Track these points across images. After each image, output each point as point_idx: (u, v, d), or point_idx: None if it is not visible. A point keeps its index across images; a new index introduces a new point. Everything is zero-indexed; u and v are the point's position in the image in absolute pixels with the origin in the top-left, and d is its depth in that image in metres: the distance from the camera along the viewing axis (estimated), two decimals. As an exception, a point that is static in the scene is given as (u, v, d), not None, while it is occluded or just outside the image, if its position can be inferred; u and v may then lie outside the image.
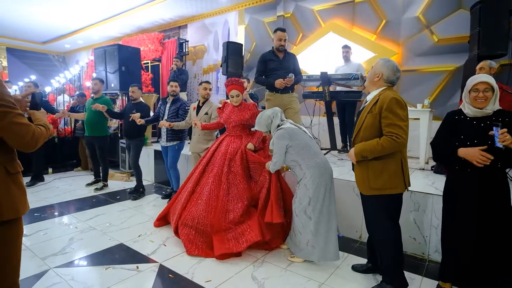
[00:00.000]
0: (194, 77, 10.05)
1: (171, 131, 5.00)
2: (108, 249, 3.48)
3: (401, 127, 2.36)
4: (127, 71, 7.71)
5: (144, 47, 10.02)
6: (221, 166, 3.72)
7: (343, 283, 2.89)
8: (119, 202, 5.09)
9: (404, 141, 2.37)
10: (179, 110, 4.97)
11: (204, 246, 3.41)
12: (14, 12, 9.78)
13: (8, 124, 1.54)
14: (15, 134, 1.57)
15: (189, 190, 3.81)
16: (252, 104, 4.00)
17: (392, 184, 2.48)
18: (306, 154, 3.13)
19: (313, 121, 6.36)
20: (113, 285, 2.77)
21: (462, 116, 2.45)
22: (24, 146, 1.62)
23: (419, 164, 4.75)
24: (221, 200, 3.52)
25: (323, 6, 7.19)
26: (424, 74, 5.89)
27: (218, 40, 9.41)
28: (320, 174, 3.08)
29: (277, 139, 3.18)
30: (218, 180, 3.66)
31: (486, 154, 2.22)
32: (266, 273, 3.02)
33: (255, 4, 8.48)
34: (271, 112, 3.38)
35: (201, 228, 3.48)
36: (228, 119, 3.94)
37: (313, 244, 3.08)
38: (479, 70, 3.86)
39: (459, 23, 5.40)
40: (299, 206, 3.15)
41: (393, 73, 2.54)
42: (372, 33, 6.50)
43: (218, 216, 3.45)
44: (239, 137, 3.90)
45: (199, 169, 3.91)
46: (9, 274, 1.64)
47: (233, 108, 3.95)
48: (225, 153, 3.78)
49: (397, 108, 2.39)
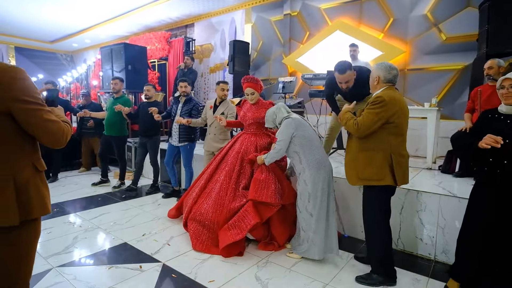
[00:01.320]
0: (201, 76, 10.05)
1: (184, 132, 4.98)
2: (112, 248, 3.48)
3: (364, 119, 2.58)
4: (133, 70, 7.73)
5: (151, 46, 10.03)
6: (233, 164, 3.73)
7: (347, 284, 2.86)
8: (124, 201, 5.10)
9: (359, 132, 2.62)
10: (192, 111, 4.96)
11: (209, 243, 3.43)
12: (22, 12, 9.86)
13: (41, 121, 1.54)
14: (48, 132, 1.58)
15: (201, 186, 3.86)
16: (268, 102, 3.97)
17: (379, 176, 2.63)
18: (308, 147, 3.18)
19: (319, 120, 6.32)
20: (115, 284, 2.76)
21: (496, 115, 2.43)
22: (55, 143, 1.63)
23: (426, 163, 4.68)
24: (229, 198, 3.55)
25: (330, 4, 7.15)
26: (431, 72, 5.82)
27: (225, 38, 9.40)
28: (318, 170, 3.13)
29: (285, 127, 3.24)
30: (229, 177, 3.68)
31: (495, 137, 2.15)
32: (270, 274, 2.99)
33: (262, 3, 8.46)
34: (275, 108, 3.46)
35: (208, 224, 3.51)
36: (244, 117, 3.95)
37: (313, 240, 3.12)
38: (488, 70, 3.79)
39: (468, 21, 5.33)
40: (300, 202, 3.22)
41: (388, 72, 2.66)
42: (380, 31, 6.44)
43: (224, 214, 3.47)
44: (254, 135, 3.90)
45: (213, 166, 3.96)
46: (25, 273, 1.63)
47: (250, 106, 3.94)
48: (238, 151, 3.80)
49: (374, 104, 2.58)
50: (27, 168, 1.58)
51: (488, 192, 2.36)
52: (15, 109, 1.47)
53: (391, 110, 2.55)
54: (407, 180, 2.76)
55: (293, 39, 7.87)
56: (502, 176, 2.28)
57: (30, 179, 1.57)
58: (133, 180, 5.60)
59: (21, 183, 1.53)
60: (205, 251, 3.38)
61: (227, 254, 3.29)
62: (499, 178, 2.29)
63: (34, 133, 1.56)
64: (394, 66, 2.69)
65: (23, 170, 1.56)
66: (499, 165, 2.29)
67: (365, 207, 2.87)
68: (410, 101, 5.98)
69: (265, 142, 3.83)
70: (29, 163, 1.60)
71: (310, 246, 3.14)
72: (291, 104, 6.45)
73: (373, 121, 2.56)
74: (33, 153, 1.63)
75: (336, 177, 3.93)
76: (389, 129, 2.61)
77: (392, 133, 2.61)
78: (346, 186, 3.75)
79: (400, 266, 3.01)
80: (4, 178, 1.49)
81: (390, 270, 2.81)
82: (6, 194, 1.48)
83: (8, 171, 1.50)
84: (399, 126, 2.63)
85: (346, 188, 3.78)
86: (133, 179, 5.61)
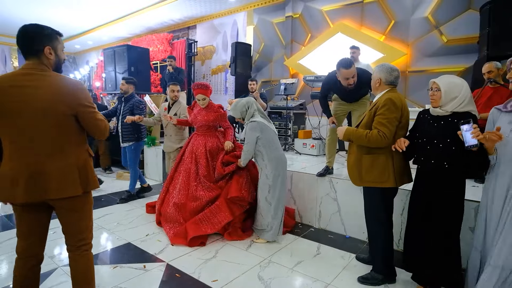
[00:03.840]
0: (203, 78, 10.10)
1: (126, 131, 4.98)
2: (116, 248, 3.52)
3: (388, 128, 2.53)
4: (136, 72, 7.76)
5: (153, 47, 10.09)
6: (189, 163, 4.09)
7: (349, 283, 2.88)
8: (127, 202, 5.13)
9: (388, 141, 2.54)
10: (134, 109, 4.91)
11: (183, 236, 3.66)
12: (26, 13, 9.92)
13: (94, 120, 2.04)
14: (98, 128, 2.08)
15: (163, 189, 4.24)
16: (217, 106, 4.26)
17: (382, 179, 2.65)
18: (270, 147, 3.62)
19: (321, 121, 6.35)
20: (120, 284, 2.80)
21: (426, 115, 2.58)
22: (101, 136, 2.14)
23: (428, 165, 4.69)
24: (191, 191, 3.90)
25: (331, 6, 7.19)
26: (433, 74, 5.83)
27: (226, 40, 9.45)
28: (277, 165, 3.62)
29: (250, 130, 3.61)
30: (187, 175, 4.03)
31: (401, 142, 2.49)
32: (273, 273, 3.02)
33: (263, 5, 8.50)
34: (246, 101, 3.74)
35: (177, 220, 3.84)
36: (195, 119, 4.23)
37: (272, 225, 3.63)
38: (488, 74, 3.75)
39: (469, 23, 5.36)
40: (261, 193, 3.66)
41: (389, 74, 2.68)
42: (381, 33, 6.48)
43: (189, 207, 3.81)
44: (203, 136, 4.20)
45: (173, 169, 4.31)
46: (90, 230, 2.24)
47: (200, 109, 4.22)
48: (191, 152, 4.14)
49: (389, 109, 2.55)
50: (84, 154, 2.09)
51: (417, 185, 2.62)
52: (79, 112, 1.96)
53: (401, 112, 2.59)
54: (411, 178, 2.78)
55: (295, 41, 7.91)
56: (422, 171, 2.55)
57: (86, 162, 2.08)
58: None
59: (82, 165, 2.03)
60: (183, 243, 3.59)
61: (192, 244, 3.53)
62: (422, 172, 2.55)
63: (88, 128, 2.06)
64: (396, 67, 2.70)
65: (82, 155, 2.06)
66: (419, 161, 2.53)
67: (368, 209, 2.90)
68: (412, 103, 6.02)
69: (213, 143, 4.14)
70: (85, 150, 2.10)
71: (269, 230, 3.64)
72: (293, 105, 6.50)
73: (394, 125, 2.56)
74: (86, 144, 2.13)
75: (338, 178, 3.97)
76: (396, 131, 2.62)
77: (397, 134, 2.62)
78: (347, 187, 3.78)
79: (401, 267, 3.03)
80: (73, 162, 1.99)
81: (390, 269, 2.85)
82: (73, 173, 1.98)
83: (74, 156, 2.00)
84: (404, 126, 2.66)
85: (347, 190, 3.81)
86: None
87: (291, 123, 6.38)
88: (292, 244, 3.68)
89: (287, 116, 6.38)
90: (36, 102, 1.83)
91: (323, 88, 4.05)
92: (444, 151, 2.34)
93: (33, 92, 1.83)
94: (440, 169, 2.36)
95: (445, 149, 2.34)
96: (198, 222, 3.67)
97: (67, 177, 1.95)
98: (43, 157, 1.89)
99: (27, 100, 1.82)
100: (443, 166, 2.34)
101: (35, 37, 1.91)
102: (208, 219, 3.68)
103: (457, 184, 2.38)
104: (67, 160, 1.96)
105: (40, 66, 1.90)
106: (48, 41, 1.93)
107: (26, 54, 1.91)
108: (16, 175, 1.86)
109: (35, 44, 1.90)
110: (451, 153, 2.31)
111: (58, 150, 1.94)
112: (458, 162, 2.31)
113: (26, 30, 1.90)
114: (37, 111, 1.83)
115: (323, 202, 4.10)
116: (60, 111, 1.89)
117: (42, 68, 1.91)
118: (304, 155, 5.79)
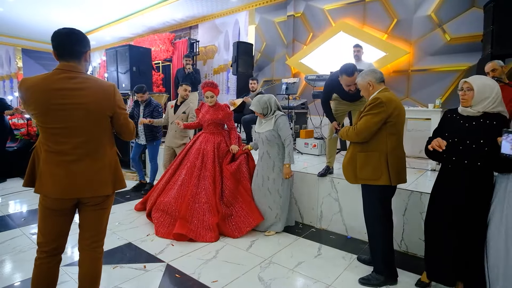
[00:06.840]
0: (205, 77, 10.09)
1: (149, 132, 5.39)
2: (117, 248, 3.51)
3: (364, 124, 2.63)
4: (138, 71, 7.76)
5: (155, 47, 10.08)
6: (194, 160, 4.16)
7: (350, 284, 2.86)
8: (129, 202, 5.13)
9: (361, 136, 2.66)
10: (153, 112, 5.33)
11: (171, 228, 3.75)
12: (29, 14, 9.95)
13: (125, 121, 2.14)
14: (128, 129, 2.19)
15: (164, 181, 4.31)
16: (224, 105, 4.45)
17: (376, 176, 2.68)
18: None
19: (323, 121, 6.32)
20: (120, 284, 2.79)
21: (454, 115, 2.58)
22: (130, 137, 2.26)
23: (430, 165, 4.66)
24: (191, 190, 3.94)
25: (333, 5, 7.15)
26: (436, 73, 5.81)
27: (228, 40, 9.43)
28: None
29: (286, 122, 3.79)
30: (191, 172, 4.10)
31: (440, 142, 2.36)
32: (273, 274, 3.00)
33: (265, 4, 8.48)
34: (268, 97, 3.85)
35: (170, 211, 3.91)
36: (203, 118, 4.36)
37: (280, 217, 3.87)
38: (492, 73, 3.71)
39: (472, 21, 5.31)
40: (273, 186, 3.83)
41: (374, 73, 2.77)
42: (383, 32, 6.44)
43: (187, 203, 3.84)
44: (212, 134, 4.32)
45: (176, 163, 4.40)
46: (106, 229, 2.25)
47: (209, 108, 4.36)
48: (199, 149, 4.22)
49: (371, 107, 2.63)
50: (115, 154, 2.16)
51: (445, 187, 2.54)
52: (116, 113, 2.06)
53: (389, 110, 2.59)
54: (405, 179, 2.79)
55: (297, 40, 7.89)
56: (452, 171, 2.47)
57: (116, 163, 2.15)
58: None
59: (113, 165, 2.10)
60: (166, 235, 3.74)
61: (179, 238, 3.62)
62: (451, 173, 2.48)
63: (120, 129, 2.16)
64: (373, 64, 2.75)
65: (114, 156, 2.14)
66: (451, 161, 2.47)
67: (365, 207, 2.92)
68: (414, 102, 5.97)
69: (221, 140, 4.27)
70: (115, 151, 2.18)
71: (278, 221, 3.87)
72: (294, 105, 6.47)
73: (373, 122, 2.60)
74: (115, 144, 2.18)
75: (339, 178, 3.95)
76: (387, 129, 2.64)
77: (390, 133, 2.65)
78: (348, 187, 3.76)
79: (403, 268, 3.01)
80: (106, 162, 2.05)
81: (391, 270, 2.83)
82: (107, 173, 2.05)
83: (108, 157, 2.06)
84: (396, 124, 2.66)
85: (349, 190, 3.78)
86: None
87: (293, 122, 6.35)
88: (293, 244, 3.66)
89: (289, 116, 6.34)
90: (81, 104, 1.90)
91: (325, 92, 4.04)
92: (477, 151, 2.32)
93: (78, 94, 1.90)
94: (473, 169, 2.34)
95: (478, 150, 2.32)
96: (189, 221, 3.75)
97: (101, 176, 2.03)
98: (82, 156, 1.95)
99: (73, 102, 1.88)
100: (476, 166, 2.33)
101: (82, 41, 1.96)
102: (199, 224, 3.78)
103: (488, 184, 2.37)
104: (103, 160, 2.04)
105: (80, 69, 1.96)
106: (88, 46, 2.02)
107: (67, 56, 1.93)
108: (54, 171, 1.91)
109: (82, 47, 1.95)
110: (484, 154, 2.30)
111: (95, 150, 2.01)
112: (491, 162, 2.29)
113: (74, 33, 1.94)
114: (82, 112, 1.91)
115: (325, 202, 4.07)
116: (102, 113, 2.00)
117: (82, 70, 1.97)
118: (306, 155, 5.77)
